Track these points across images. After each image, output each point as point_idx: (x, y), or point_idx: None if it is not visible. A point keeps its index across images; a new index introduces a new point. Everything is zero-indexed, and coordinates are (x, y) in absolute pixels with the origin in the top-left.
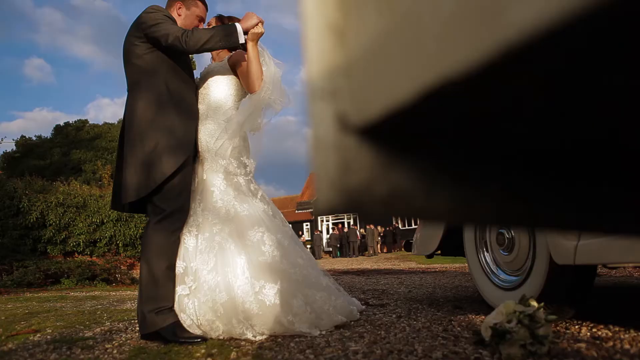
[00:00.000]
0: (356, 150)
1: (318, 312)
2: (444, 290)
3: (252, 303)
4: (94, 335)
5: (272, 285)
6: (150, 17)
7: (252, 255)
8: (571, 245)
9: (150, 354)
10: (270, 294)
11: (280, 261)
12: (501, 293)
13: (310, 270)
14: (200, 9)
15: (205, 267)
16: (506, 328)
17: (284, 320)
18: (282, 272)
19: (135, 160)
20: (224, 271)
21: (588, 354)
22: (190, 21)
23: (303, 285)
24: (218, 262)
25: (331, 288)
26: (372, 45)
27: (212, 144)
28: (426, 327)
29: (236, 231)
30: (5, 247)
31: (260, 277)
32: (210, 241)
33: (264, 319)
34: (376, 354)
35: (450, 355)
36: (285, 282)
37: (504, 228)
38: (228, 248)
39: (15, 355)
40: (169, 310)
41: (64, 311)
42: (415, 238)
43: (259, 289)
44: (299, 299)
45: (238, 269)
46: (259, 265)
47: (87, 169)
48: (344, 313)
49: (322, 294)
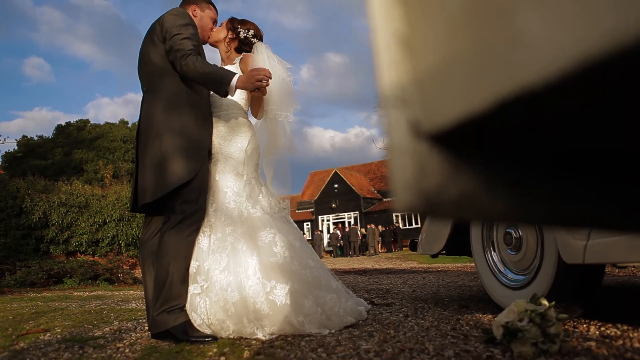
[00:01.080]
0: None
1: (328, 314)
2: (448, 290)
3: (263, 303)
4: (103, 334)
5: (283, 285)
6: (172, 20)
7: (264, 255)
8: (580, 245)
9: (162, 353)
10: (281, 295)
11: (292, 262)
12: (509, 292)
13: (321, 272)
14: (213, 12)
15: (218, 267)
16: (518, 326)
17: (294, 320)
18: (293, 273)
19: (152, 162)
20: (235, 271)
21: (599, 352)
22: (205, 22)
23: (314, 286)
24: (230, 262)
25: (341, 290)
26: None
27: (225, 146)
28: (434, 326)
29: (248, 232)
30: (8, 246)
31: (271, 277)
32: (223, 241)
33: (274, 319)
34: (387, 352)
35: (462, 353)
36: (297, 283)
37: (511, 227)
38: (240, 249)
39: (29, 355)
40: (181, 309)
41: (70, 311)
42: (421, 238)
43: (270, 289)
44: (310, 300)
45: (250, 269)
46: (271, 265)
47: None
48: (354, 315)
49: (332, 295)
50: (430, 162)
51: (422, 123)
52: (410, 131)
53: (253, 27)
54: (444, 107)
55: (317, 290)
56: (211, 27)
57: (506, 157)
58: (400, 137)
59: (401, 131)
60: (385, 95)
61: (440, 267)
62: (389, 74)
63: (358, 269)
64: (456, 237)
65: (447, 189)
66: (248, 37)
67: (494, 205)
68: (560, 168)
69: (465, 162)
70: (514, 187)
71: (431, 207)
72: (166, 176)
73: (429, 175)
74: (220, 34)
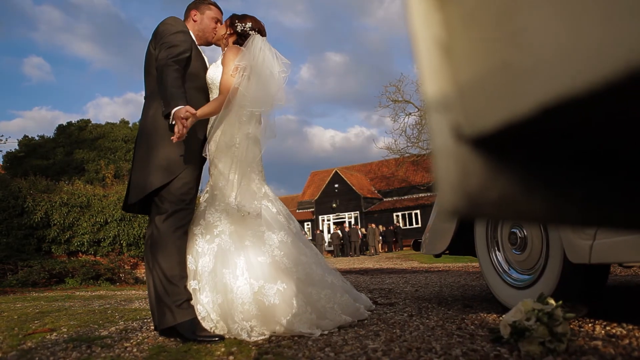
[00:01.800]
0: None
1: (321, 312)
2: (451, 290)
3: (251, 304)
4: (110, 334)
5: (271, 285)
6: (164, 29)
7: (252, 255)
8: (586, 245)
9: (170, 353)
10: (270, 294)
11: (281, 260)
12: (513, 291)
13: (314, 267)
14: (214, 11)
15: (206, 269)
16: (525, 325)
17: (283, 320)
18: (282, 271)
19: (141, 165)
20: (221, 272)
21: (606, 351)
22: (206, 24)
23: (306, 283)
24: (217, 263)
25: (336, 286)
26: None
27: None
28: (440, 326)
29: (236, 232)
30: (10, 246)
31: (259, 277)
32: (210, 243)
33: (263, 319)
34: (395, 351)
35: (470, 352)
36: (286, 281)
37: (516, 227)
38: (228, 249)
39: (37, 354)
40: (187, 303)
41: (75, 310)
42: (424, 238)
43: (257, 289)
44: (300, 299)
45: (237, 270)
46: (259, 265)
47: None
48: (349, 312)
49: (327, 291)
50: (472, 164)
51: (463, 127)
52: (453, 135)
53: (251, 20)
54: (485, 112)
55: (310, 288)
56: (214, 27)
57: (544, 160)
58: (443, 141)
59: (444, 135)
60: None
61: (442, 267)
62: (430, 79)
63: (359, 268)
64: (460, 237)
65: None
66: (245, 30)
67: (532, 206)
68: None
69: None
70: (551, 189)
71: (474, 208)
72: (148, 178)
73: (471, 177)
74: (221, 32)
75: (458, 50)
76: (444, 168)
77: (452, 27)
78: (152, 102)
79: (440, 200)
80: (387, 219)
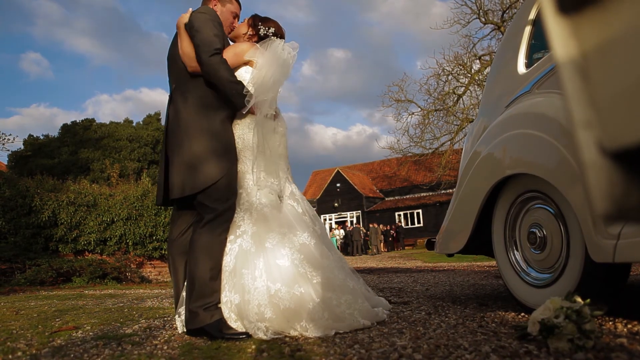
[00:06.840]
0: (614, 168)
1: (340, 317)
2: (462, 289)
3: (266, 306)
4: (134, 332)
5: (288, 289)
6: (198, 17)
7: (271, 257)
8: (610, 244)
9: (202, 350)
10: (286, 298)
11: (300, 264)
12: (532, 290)
13: (336, 272)
14: (235, 6)
15: (227, 269)
16: (554, 323)
17: (297, 325)
18: (301, 275)
19: (181, 161)
20: (241, 273)
21: (633, 349)
22: (225, 17)
23: (325, 288)
24: (237, 263)
25: (357, 291)
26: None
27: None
28: (460, 324)
29: (258, 233)
30: (18, 245)
31: (277, 280)
32: (233, 243)
33: (276, 323)
34: (424, 348)
35: (499, 349)
36: (304, 285)
37: (535, 227)
38: (249, 250)
39: (70, 351)
40: (215, 306)
41: (91, 309)
42: (438, 237)
43: (274, 292)
44: (317, 305)
45: (256, 271)
46: (277, 268)
47: (95, 168)
48: (369, 316)
49: (347, 297)
50: (616, 174)
51: (605, 143)
52: (598, 149)
53: (274, 25)
54: (624, 128)
55: (330, 292)
56: (232, 21)
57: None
58: (590, 155)
59: (591, 149)
60: (573, 117)
61: (447, 266)
62: (574, 99)
63: (363, 267)
64: (476, 237)
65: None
66: (268, 35)
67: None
68: None
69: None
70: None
71: (621, 213)
72: (198, 175)
73: (616, 186)
74: (241, 30)
75: (594, 74)
76: (593, 178)
77: (587, 53)
78: (183, 95)
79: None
80: (389, 219)
